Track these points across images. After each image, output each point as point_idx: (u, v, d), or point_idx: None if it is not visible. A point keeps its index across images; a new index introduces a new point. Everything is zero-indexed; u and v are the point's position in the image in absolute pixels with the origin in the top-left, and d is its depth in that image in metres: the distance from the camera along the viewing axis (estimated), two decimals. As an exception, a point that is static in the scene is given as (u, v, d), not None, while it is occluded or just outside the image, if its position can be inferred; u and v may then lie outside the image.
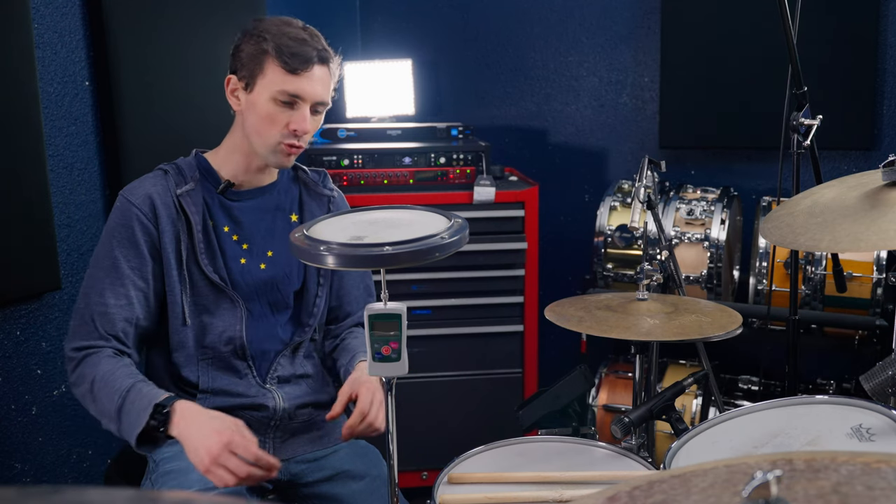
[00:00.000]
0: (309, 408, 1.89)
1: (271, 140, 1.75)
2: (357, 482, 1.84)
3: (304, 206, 1.91)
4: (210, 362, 1.81)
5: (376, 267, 1.49)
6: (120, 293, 1.71)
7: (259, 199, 1.86)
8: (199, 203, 1.78)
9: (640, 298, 1.89)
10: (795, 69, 2.08)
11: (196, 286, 1.78)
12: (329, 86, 1.79)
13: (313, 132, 1.80)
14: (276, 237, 1.86)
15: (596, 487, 1.42)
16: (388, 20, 3.67)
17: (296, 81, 1.72)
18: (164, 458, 1.75)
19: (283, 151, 1.76)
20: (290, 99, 1.72)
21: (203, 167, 1.82)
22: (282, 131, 1.74)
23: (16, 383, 2.09)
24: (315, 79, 1.74)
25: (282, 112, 1.73)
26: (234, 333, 1.80)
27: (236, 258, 1.82)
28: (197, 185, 1.79)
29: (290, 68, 1.71)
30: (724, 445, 1.51)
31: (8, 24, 1.95)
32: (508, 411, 2.61)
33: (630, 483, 0.68)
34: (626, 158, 3.52)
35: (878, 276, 2.67)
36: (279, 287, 1.86)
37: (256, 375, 1.84)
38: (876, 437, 1.40)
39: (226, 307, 1.80)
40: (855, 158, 3.17)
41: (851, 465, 0.64)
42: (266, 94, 1.73)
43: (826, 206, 1.55)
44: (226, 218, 1.82)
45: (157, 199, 1.75)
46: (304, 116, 1.74)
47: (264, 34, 1.74)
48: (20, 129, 2.00)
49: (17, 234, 2.00)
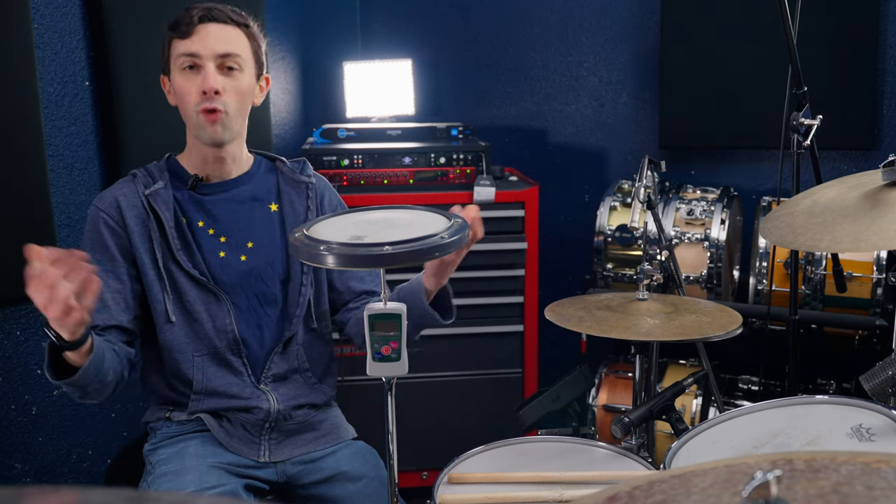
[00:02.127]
0: (305, 408, 1.87)
1: (192, 112, 1.73)
2: (354, 483, 1.83)
3: (282, 195, 1.88)
4: (205, 359, 1.79)
5: (376, 267, 1.50)
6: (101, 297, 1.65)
7: (232, 190, 1.84)
8: (168, 201, 1.77)
9: (641, 298, 1.89)
10: (795, 69, 2.08)
11: (177, 283, 1.77)
12: (235, 40, 1.75)
13: (238, 95, 1.76)
14: (256, 227, 1.85)
15: (596, 487, 1.42)
16: (388, 20, 3.67)
17: (187, 43, 1.72)
18: (161, 461, 1.75)
19: (205, 121, 1.72)
20: (190, 62, 1.72)
21: (173, 168, 1.83)
22: (196, 99, 1.72)
23: (16, 383, 2.09)
24: (208, 34, 1.72)
25: (191, 79, 1.72)
26: (226, 327, 1.79)
27: (214, 252, 1.81)
28: (167, 184, 1.79)
29: (180, 33, 1.73)
30: (724, 445, 1.51)
31: (8, 24, 1.95)
32: (508, 411, 2.61)
33: (630, 483, 0.68)
34: (626, 158, 3.52)
35: (878, 276, 2.67)
36: (263, 278, 1.84)
37: (251, 374, 1.82)
38: (876, 437, 1.40)
39: (211, 302, 1.79)
40: (855, 158, 3.17)
41: (851, 465, 0.64)
42: (175, 69, 1.74)
43: (826, 206, 1.55)
44: (199, 212, 1.81)
45: (124, 200, 1.75)
46: (208, 73, 1.71)
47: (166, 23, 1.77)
48: (20, 129, 2.00)
49: (17, 233, 2.00)
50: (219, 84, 1.72)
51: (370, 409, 2.59)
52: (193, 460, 1.73)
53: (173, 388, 1.81)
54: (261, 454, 1.80)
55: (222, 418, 1.80)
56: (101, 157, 2.31)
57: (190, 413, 1.78)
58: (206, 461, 1.73)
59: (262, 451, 1.80)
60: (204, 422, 1.79)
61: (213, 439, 1.78)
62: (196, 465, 1.71)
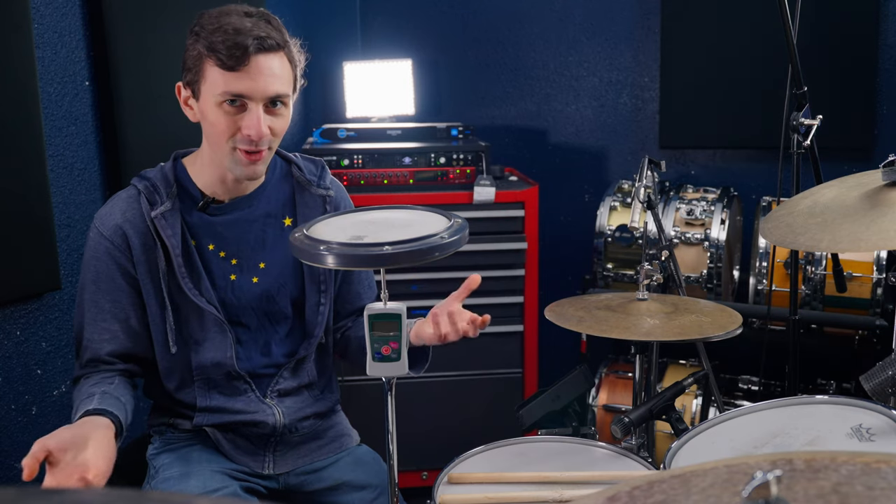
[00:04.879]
0: (311, 419, 1.83)
1: (226, 149, 1.58)
2: (359, 492, 1.81)
3: (297, 209, 1.76)
4: (204, 382, 1.74)
5: (376, 266, 1.49)
6: (102, 328, 1.67)
7: (245, 209, 1.72)
8: (175, 225, 1.65)
9: (641, 298, 1.88)
10: (795, 69, 2.08)
11: (180, 312, 1.68)
12: (284, 74, 1.58)
13: (280, 131, 1.63)
14: (268, 247, 1.74)
15: (596, 487, 1.42)
16: (388, 20, 3.67)
17: (237, 79, 1.53)
18: (164, 465, 1.74)
19: (243, 161, 1.59)
20: (236, 99, 1.55)
21: (181, 181, 1.70)
22: (235, 137, 1.57)
23: (16, 383, 2.09)
24: (261, 71, 1.53)
25: (231, 117, 1.56)
26: (224, 360, 1.71)
27: (225, 276, 1.71)
28: (174, 203, 1.65)
29: (228, 65, 1.52)
30: (724, 445, 1.51)
31: (8, 24, 1.95)
32: (508, 411, 2.61)
33: (630, 483, 0.68)
34: (626, 158, 3.52)
35: (878, 276, 2.67)
36: (275, 298, 1.75)
37: (256, 390, 1.77)
38: (876, 437, 1.40)
39: (215, 332, 1.70)
40: (855, 158, 3.17)
41: (851, 465, 0.64)
42: (211, 99, 1.55)
43: (826, 206, 1.55)
44: (209, 235, 1.69)
45: (129, 227, 1.64)
46: (256, 117, 1.55)
47: (200, 32, 1.56)
48: (20, 129, 2.00)
49: (17, 234, 2.00)
50: (265, 128, 1.57)
51: (370, 409, 2.59)
52: (197, 465, 1.71)
53: (177, 403, 1.77)
54: (265, 466, 1.78)
55: (227, 431, 1.76)
56: (100, 157, 2.31)
57: (194, 426, 1.75)
58: (210, 466, 1.72)
59: (266, 463, 1.78)
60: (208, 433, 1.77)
61: (217, 447, 1.76)
62: (200, 471, 1.70)
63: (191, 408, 1.75)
